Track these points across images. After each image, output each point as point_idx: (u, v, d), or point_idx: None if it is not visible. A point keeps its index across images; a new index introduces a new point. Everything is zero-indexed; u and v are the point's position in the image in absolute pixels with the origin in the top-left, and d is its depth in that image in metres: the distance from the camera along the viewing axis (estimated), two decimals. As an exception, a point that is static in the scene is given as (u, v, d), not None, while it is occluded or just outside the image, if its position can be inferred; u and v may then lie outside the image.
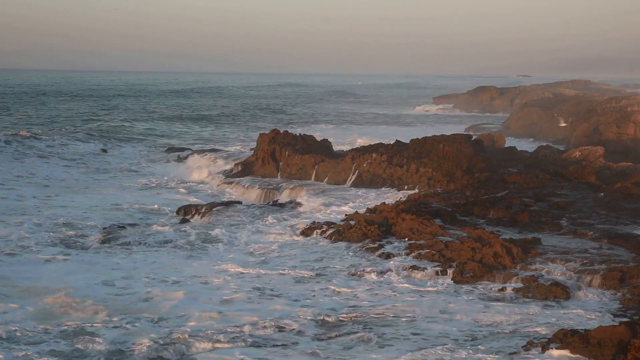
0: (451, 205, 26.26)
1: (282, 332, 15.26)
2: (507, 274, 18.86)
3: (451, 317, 16.17)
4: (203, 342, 14.56)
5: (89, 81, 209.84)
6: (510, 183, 29.31)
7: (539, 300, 17.20)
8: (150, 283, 18.80)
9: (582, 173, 30.72)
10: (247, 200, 31.96)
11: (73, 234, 24.45)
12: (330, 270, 20.05)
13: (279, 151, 36.93)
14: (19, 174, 37.75)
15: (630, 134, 43.94)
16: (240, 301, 17.34)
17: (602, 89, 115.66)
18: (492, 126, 68.03)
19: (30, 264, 20.46)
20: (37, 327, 15.15)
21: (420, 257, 20.45)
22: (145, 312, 16.31)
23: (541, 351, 13.93)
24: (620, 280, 17.95)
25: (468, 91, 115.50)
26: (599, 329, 14.03)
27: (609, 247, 20.74)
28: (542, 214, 24.71)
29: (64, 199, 31.25)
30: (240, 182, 35.35)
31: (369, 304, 17.10)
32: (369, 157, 34.34)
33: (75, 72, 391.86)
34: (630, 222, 23.85)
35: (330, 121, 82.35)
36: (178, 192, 34.20)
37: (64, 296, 17.05)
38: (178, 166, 42.74)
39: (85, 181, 37.15)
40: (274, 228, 25.30)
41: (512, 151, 37.98)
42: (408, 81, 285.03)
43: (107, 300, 17.12)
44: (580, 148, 38.65)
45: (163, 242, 23.76)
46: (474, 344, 14.51)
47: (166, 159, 46.29)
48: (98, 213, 28.33)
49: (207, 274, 19.81)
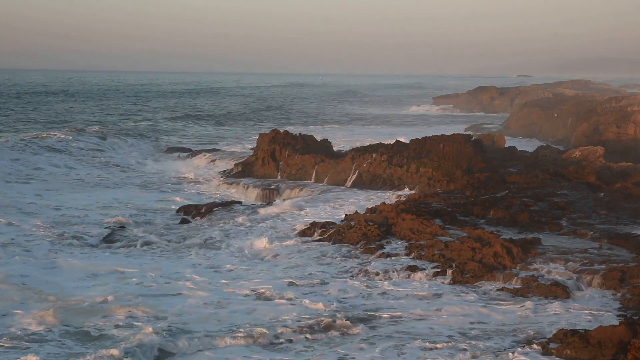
0: (451, 205, 26.25)
1: (279, 332, 15.19)
2: (507, 274, 18.85)
3: (451, 317, 16.15)
4: (201, 342, 14.56)
5: (89, 81, 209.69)
6: (510, 183, 29.30)
7: (539, 300, 17.19)
8: (147, 283, 18.76)
9: (582, 173, 30.71)
10: (247, 200, 31.97)
11: (72, 233, 24.43)
12: (329, 271, 20.04)
13: (279, 151, 36.94)
14: (14, 171, 37.78)
15: (630, 134, 43.95)
16: (237, 302, 17.30)
17: (602, 89, 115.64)
18: (492, 126, 68.01)
19: (32, 264, 20.45)
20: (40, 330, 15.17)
21: (420, 257, 20.44)
22: (142, 311, 16.26)
23: (541, 351, 13.93)
24: (620, 280, 17.94)
25: (468, 91, 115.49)
26: (599, 329, 14.02)
27: (609, 247, 20.73)
28: (542, 214, 24.70)
29: (64, 198, 31.29)
30: (240, 182, 35.39)
31: (369, 304, 17.08)
32: (369, 157, 34.35)
33: (75, 73, 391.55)
34: (630, 222, 23.83)
35: (331, 121, 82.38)
36: (178, 192, 34.19)
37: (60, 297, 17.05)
38: (178, 166, 42.76)
39: (85, 180, 37.10)
40: (272, 228, 25.29)
41: (512, 151, 37.97)
42: (408, 81, 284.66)
43: (103, 300, 17.07)
44: (580, 148, 38.64)
45: (162, 242, 23.76)
46: (473, 344, 14.49)
47: (166, 158, 46.30)
48: (96, 212, 28.39)
49: (205, 274, 19.82)
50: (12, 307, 16.46)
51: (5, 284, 18.12)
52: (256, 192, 33.60)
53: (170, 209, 29.54)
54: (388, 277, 19.12)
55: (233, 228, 25.53)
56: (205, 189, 35.45)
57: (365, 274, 19.48)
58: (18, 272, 19.25)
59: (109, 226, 25.77)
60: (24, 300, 17.02)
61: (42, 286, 18.11)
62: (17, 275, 18.98)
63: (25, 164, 40.15)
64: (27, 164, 40.24)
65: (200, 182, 37.24)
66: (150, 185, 36.46)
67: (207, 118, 79.20)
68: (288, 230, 24.80)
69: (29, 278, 18.80)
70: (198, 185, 36.40)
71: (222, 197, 32.44)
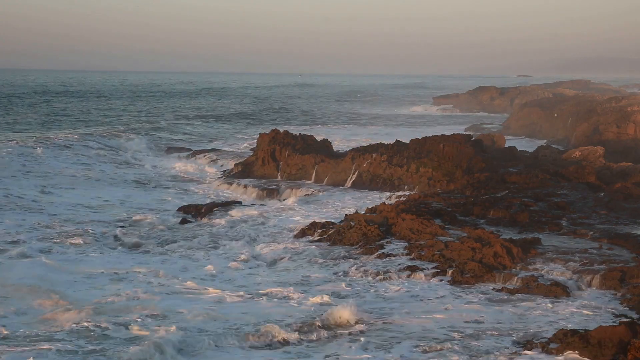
0: (451, 205, 26.25)
1: (277, 332, 15.12)
2: (507, 274, 18.85)
3: (451, 318, 16.14)
4: (202, 343, 14.57)
5: (89, 81, 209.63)
6: (510, 183, 29.30)
7: (538, 300, 17.19)
8: (145, 283, 18.74)
9: (582, 173, 30.71)
10: (247, 200, 31.97)
11: (76, 232, 24.44)
12: (329, 271, 20.04)
13: (279, 151, 36.95)
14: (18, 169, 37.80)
15: (630, 134, 43.95)
16: (237, 302, 17.28)
17: (602, 89, 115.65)
18: (492, 126, 68.01)
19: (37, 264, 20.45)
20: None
21: (420, 257, 20.44)
22: (141, 311, 16.26)
23: (541, 351, 13.93)
24: (620, 280, 17.95)
25: (468, 91, 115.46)
26: (599, 329, 14.03)
27: (609, 247, 20.74)
28: (542, 214, 24.70)
29: (66, 196, 31.31)
30: (240, 182, 35.41)
31: (369, 305, 17.07)
32: (369, 157, 34.36)
33: (75, 72, 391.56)
34: (630, 222, 23.83)
35: (329, 121, 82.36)
36: (177, 192, 34.18)
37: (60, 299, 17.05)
38: (178, 165, 42.71)
39: (85, 178, 37.08)
40: (272, 228, 25.29)
41: (512, 151, 37.97)
42: (408, 82, 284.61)
43: (100, 302, 17.05)
44: (580, 148, 38.64)
45: (163, 242, 23.78)
46: (473, 344, 14.50)
47: (167, 158, 46.29)
48: (93, 211, 28.42)
49: (205, 274, 19.83)
50: (27, 307, 16.46)
51: (21, 283, 18.04)
52: (256, 192, 33.63)
53: (169, 209, 29.53)
54: (388, 277, 19.11)
55: (232, 228, 25.53)
56: (205, 188, 35.44)
57: (365, 274, 19.48)
58: (31, 273, 19.10)
59: (108, 225, 25.77)
60: (35, 299, 16.97)
61: (56, 286, 18.05)
62: (30, 276, 18.80)
63: (32, 163, 40.07)
64: (34, 163, 40.17)
65: (200, 182, 37.24)
66: (149, 184, 36.46)
67: (206, 117, 79.11)
68: (288, 231, 24.81)
69: (42, 278, 18.66)
70: (198, 185, 36.38)
71: (222, 197, 32.44)
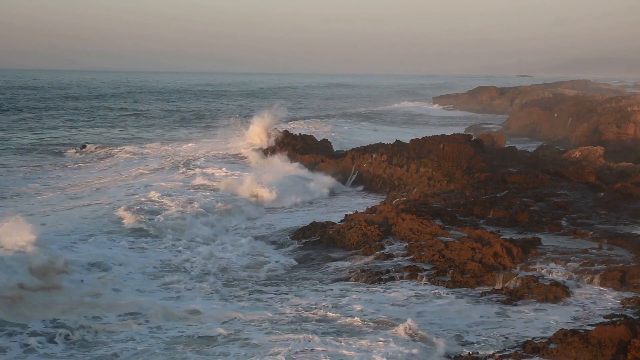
0: (451, 206, 26.23)
1: (274, 333, 15.15)
2: (507, 274, 18.82)
3: (451, 318, 16.14)
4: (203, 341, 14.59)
5: (89, 81, 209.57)
6: (510, 183, 29.29)
7: (538, 300, 17.18)
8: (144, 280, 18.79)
9: (582, 173, 30.70)
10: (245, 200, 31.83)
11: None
12: (329, 271, 20.02)
13: (279, 151, 36.92)
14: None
15: (630, 134, 43.95)
16: (236, 302, 17.29)
17: (602, 88, 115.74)
18: (492, 126, 67.98)
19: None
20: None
21: (420, 257, 20.42)
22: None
23: (541, 351, 13.91)
24: (620, 280, 17.94)
25: (468, 91, 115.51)
26: (599, 329, 14.01)
27: (609, 247, 20.72)
28: (542, 214, 24.69)
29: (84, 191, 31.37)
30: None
31: (369, 304, 17.06)
32: (368, 157, 34.37)
33: (76, 73, 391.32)
34: (630, 222, 23.82)
35: (330, 120, 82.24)
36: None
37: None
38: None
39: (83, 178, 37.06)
40: (271, 228, 25.28)
41: (512, 151, 37.98)
42: (409, 81, 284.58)
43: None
44: (580, 148, 38.64)
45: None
46: (473, 344, 14.49)
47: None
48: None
49: (204, 275, 19.85)
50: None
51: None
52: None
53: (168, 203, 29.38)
54: (388, 278, 19.09)
55: (231, 228, 25.51)
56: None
57: (365, 274, 19.44)
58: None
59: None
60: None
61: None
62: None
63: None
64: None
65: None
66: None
67: (207, 117, 79.04)
68: (287, 231, 24.79)
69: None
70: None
71: (221, 197, 32.32)
